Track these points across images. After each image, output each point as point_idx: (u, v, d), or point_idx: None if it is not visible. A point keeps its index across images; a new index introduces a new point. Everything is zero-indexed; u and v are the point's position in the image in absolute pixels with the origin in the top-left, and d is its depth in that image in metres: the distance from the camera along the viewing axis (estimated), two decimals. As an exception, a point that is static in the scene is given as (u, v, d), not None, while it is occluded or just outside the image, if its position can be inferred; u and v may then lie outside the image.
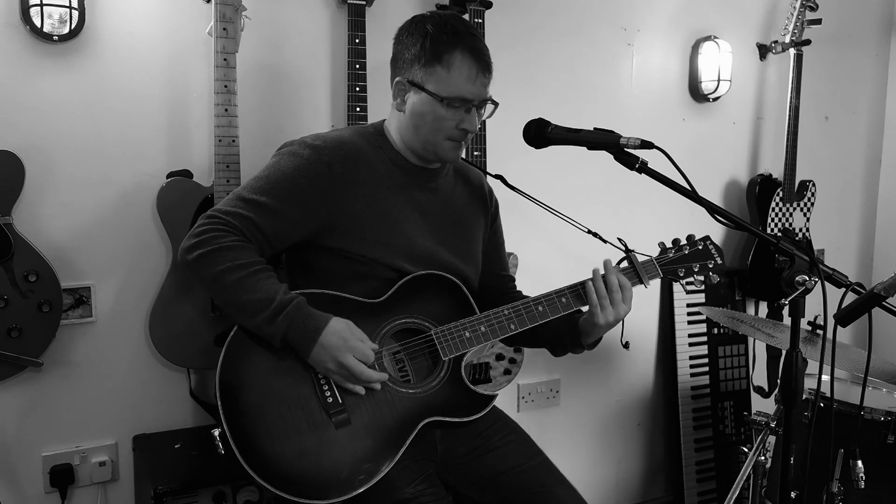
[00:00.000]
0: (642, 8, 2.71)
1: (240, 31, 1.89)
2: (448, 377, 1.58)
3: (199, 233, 1.47)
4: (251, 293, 1.44)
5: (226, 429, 1.42)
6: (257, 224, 1.49)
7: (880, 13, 3.35)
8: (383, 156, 1.62)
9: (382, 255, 1.57)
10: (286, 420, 1.45)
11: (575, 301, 1.63)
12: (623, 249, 1.65)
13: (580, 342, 1.67)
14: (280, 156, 1.57)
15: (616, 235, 1.69)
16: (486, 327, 1.60)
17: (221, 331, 1.49)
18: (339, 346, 1.45)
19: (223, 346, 1.48)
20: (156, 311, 1.90)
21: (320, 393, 1.49)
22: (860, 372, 1.74)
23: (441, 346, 1.57)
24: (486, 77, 1.58)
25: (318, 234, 1.55)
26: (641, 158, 1.49)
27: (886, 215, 3.48)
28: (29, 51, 1.86)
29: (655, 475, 3.02)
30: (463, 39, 1.55)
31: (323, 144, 1.55)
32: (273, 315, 1.43)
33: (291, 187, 1.51)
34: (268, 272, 1.48)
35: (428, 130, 1.57)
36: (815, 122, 3.19)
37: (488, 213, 1.81)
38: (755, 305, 3.12)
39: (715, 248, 1.70)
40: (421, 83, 1.55)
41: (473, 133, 1.60)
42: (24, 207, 1.87)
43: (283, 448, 1.44)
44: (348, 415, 1.49)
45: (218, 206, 1.52)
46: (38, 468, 1.98)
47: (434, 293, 1.61)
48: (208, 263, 1.45)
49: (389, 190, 1.60)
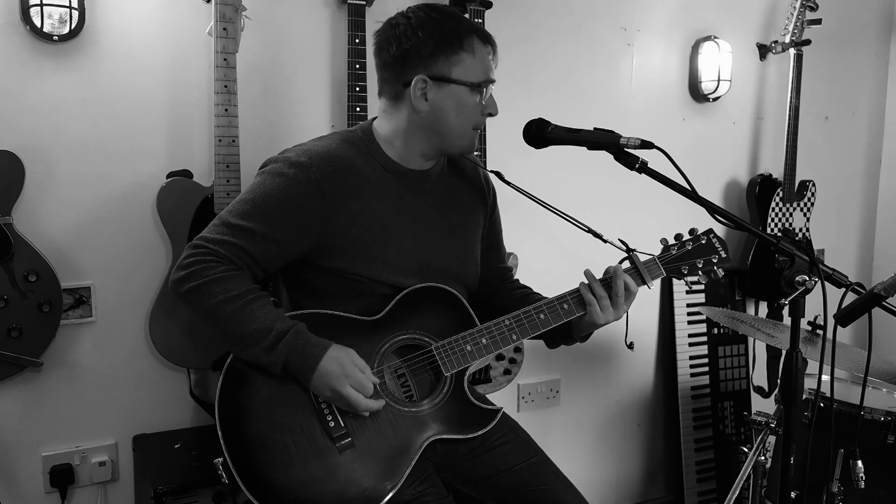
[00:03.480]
0: (642, 8, 2.71)
1: (240, 31, 1.89)
2: (451, 393, 1.56)
3: (188, 264, 1.43)
4: (248, 324, 1.41)
5: (227, 459, 1.40)
6: (246, 250, 1.45)
7: (880, 13, 3.35)
8: (374, 163, 1.56)
9: (377, 272, 1.53)
10: (289, 447, 1.43)
11: (577, 307, 1.59)
12: (624, 250, 1.62)
13: (572, 336, 1.66)
14: (264, 175, 1.50)
15: (616, 236, 1.66)
16: (487, 339, 1.56)
17: (219, 356, 1.47)
18: (336, 375, 1.42)
19: (221, 373, 1.45)
20: (156, 311, 1.90)
21: (321, 418, 1.46)
22: (860, 372, 1.74)
23: (442, 362, 1.54)
24: (496, 56, 1.58)
25: (310, 253, 1.52)
26: (641, 158, 1.49)
27: (886, 215, 3.48)
28: (29, 51, 1.86)
29: (655, 475, 3.02)
30: (471, 23, 1.56)
31: (309, 161, 1.48)
32: (272, 344, 1.40)
33: (279, 210, 1.46)
34: (262, 300, 1.45)
35: (457, 122, 1.53)
36: (815, 122, 3.19)
37: (486, 203, 1.77)
38: (755, 305, 3.12)
39: (719, 241, 1.66)
40: (447, 76, 1.50)
41: (496, 115, 1.58)
42: (24, 207, 1.87)
43: (287, 477, 1.41)
44: (351, 438, 1.46)
45: (204, 234, 1.47)
46: (38, 468, 1.98)
47: (432, 306, 1.57)
48: (201, 297, 1.42)
49: (382, 199, 1.56)
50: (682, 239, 1.66)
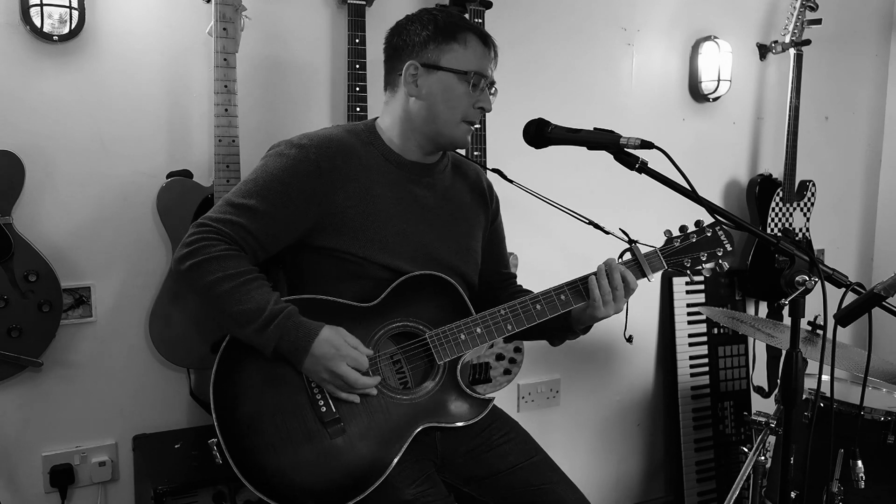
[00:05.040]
0: (642, 8, 2.71)
1: (240, 31, 1.89)
2: (444, 381, 1.57)
3: (190, 242, 1.45)
4: (242, 303, 1.42)
5: (220, 440, 1.41)
6: (248, 229, 1.48)
7: (880, 13, 3.35)
8: (375, 151, 1.60)
9: (375, 254, 1.55)
10: (281, 430, 1.44)
11: (575, 298, 1.59)
12: (626, 240, 1.60)
13: (572, 328, 1.66)
14: (267, 157, 1.55)
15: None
16: (482, 328, 1.57)
17: (217, 338, 1.48)
18: (331, 356, 1.43)
19: (217, 355, 1.46)
20: (156, 311, 1.90)
21: (314, 402, 1.47)
22: (860, 372, 1.74)
23: (436, 350, 1.55)
24: (495, 58, 1.61)
25: (310, 233, 1.54)
26: (641, 158, 1.49)
27: (886, 215, 3.48)
28: (29, 51, 1.86)
29: (655, 475, 3.02)
30: (469, 23, 1.60)
31: (309, 143, 1.53)
32: (264, 325, 1.41)
33: (280, 188, 1.49)
34: (259, 281, 1.46)
35: (445, 110, 1.56)
36: (815, 122, 3.19)
37: (489, 209, 1.79)
38: (755, 305, 3.12)
39: (725, 234, 1.63)
40: (436, 62, 1.54)
41: (489, 111, 1.60)
42: (24, 207, 1.87)
43: (278, 460, 1.43)
44: (343, 424, 1.47)
45: (208, 214, 1.50)
46: (38, 468, 1.98)
47: (429, 294, 1.58)
48: (200, 274, 1.43)
49: (382, 186, 1.58)
50: (686, 231, 1.65)
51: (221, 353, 1.47)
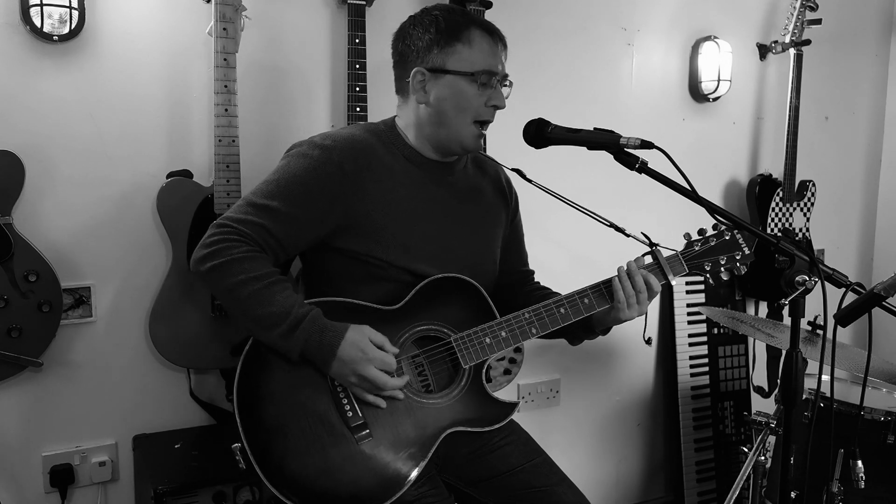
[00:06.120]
0: (642, 8, 2.71)
1: (240, 31, 1.89)
2: (469, 385, 1.55)
3: (211, 243, 1.43)
4: (266, 306, 1.40)
5: (245, 445, 1.39)
6: (269, 230, 1.45)
7: (880, 13, 3.35)
8: (397, 152, 1.58)
9: (398, 257, 1.53)
10: (307, 435, 1.42)
11: (598, 301, 1.58)
12: (647, 244, 1.59)
13: (593, 330, 1.65)
14: (289, 157, 1.52)
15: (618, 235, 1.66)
16: (507, 332, 1.55)
17: (238, 340, 1.47)
18: (358, 359, 1.41)
19: (240, 358, 1.44)
20: (156, 312, 1.90)
21: (339, 406, 1.45)
22: (860, 372, 1.74)
23: (461, 354, 1.53)
24: (503, 51, 1.58)
25: (331, 235, 1.52)
26: (641, 158, 1.49)
27: (886, 215, 3.48)
28: (29, 51, 1.86)
29: (655, 475, 3.02)
30: (474, 17, 1.57)
31: (333, 144, 1.51)
32: (289, 330, 1.40)
33: (302, 190, 1.47)
34: (282, 283, 1.44)
35: (455, 114, 1.53)
36: (815, 122, 3.19)
37: (509, 207, 1.77)
38: (755, 305, 3.12)
39: (744, 237, 1.63)
40: (442, 66, 1.52)
41: (503, 108, 1.57)
42: (24, 207, 1.87)
43: (304, 465, 1.40)
44: (370, 429, 1.45)
45: (228, 214, 1.47)
46: (38, 468, 1.98)
47: (452, 297, 1.56)
48: (221, 276, 1.41)
49: (405, 187, 1.56)
50: (705, 234, 1.64)
51: (245, 355, 1.44)
